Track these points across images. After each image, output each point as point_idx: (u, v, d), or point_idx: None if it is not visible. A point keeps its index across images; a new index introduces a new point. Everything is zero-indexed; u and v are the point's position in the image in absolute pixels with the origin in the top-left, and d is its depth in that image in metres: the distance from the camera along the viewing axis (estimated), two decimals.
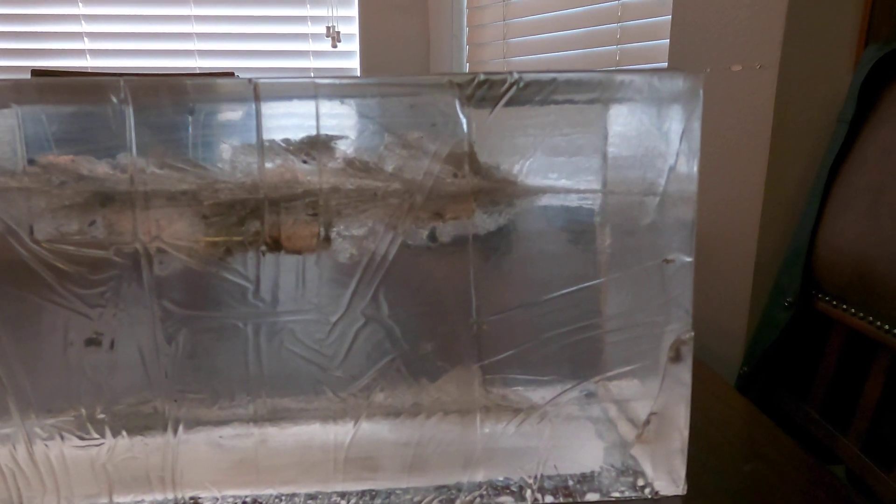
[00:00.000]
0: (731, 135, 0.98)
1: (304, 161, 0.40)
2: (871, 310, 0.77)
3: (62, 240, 0.39)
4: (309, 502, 0.42)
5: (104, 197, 0.39)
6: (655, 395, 0.42)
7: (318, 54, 1.54)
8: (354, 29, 1.54)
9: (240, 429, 0.42)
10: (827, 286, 0.85)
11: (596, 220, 0.42)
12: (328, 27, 1.47)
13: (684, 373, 0.42)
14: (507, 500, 0.43)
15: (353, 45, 1.55)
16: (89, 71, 1.47)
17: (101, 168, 0.39)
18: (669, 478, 0.43)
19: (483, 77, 0.38)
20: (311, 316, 0.41)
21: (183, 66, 1.51)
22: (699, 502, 0.43)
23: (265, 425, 0.42)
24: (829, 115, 0.92)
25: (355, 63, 1.56)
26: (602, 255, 0.42)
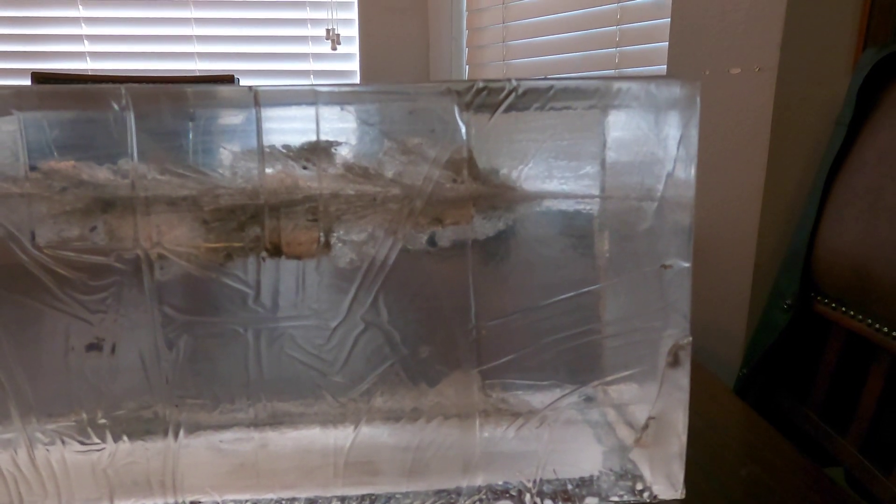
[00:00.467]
0: (729, 137, 0.98)
1: (304, 167, 0.40)
2: (869, 312, 0.77)
3: (63, 245, 0.39)
4: None
5: (105, 203, 0.40)
6: (654, 400, 0.42)
7: (318, 57, 1.55)
8: (354, 31, 1.54)
9: (240, 433, 0.42)
10: (826, 288, 0.85)
11: (594, 226, 0.42)
12: (328, 30, 1.48)
13: (682, 377, 0.42)
14: None
15: (353, 48, 1.55)
16: (89, 74, 1.47)
17: (103, 174, 0.39)
18: (668, 482, 0.44)
19: (482, 84, 0.39)
20: (312, 321, 0.41)
21: (183, 69, 1.51)
22: None
23: (265, 430, 0.42)
24: (827, 118, 0.93)
25: (355, 65, 1.56)
26: (600, 260, 0.42)
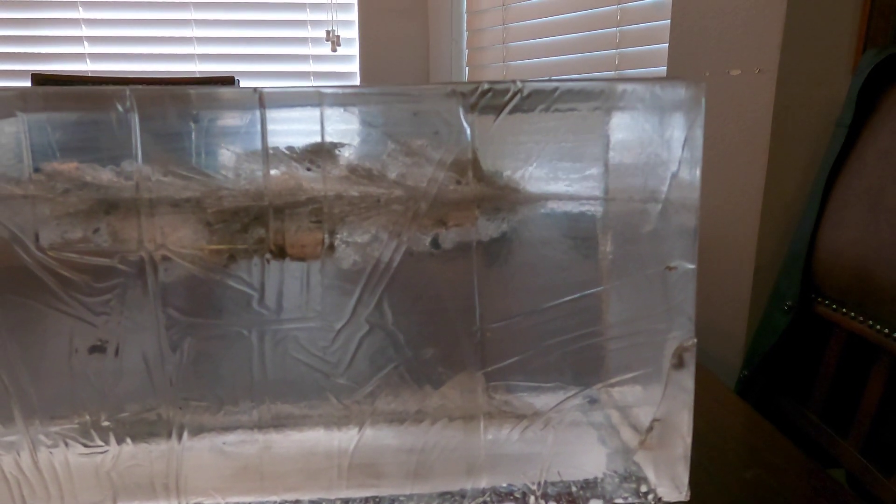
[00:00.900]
0: (730, 139, 0.99)
1: (308, 168, 0.40)
2: (870, 313, 0.77)
3: (67, 247, 0.39)
4: None
5: (109, 204, 0.39)
6: (658, 402, 0.42)
7: (318, 58, 1.55)
8: (354, 33, 1.54)
9: (244, 435, 0.42)
10: (826, 290, 0.85)
11: (598, 228, 0.42)
12: (328, 31, 1.48)
13: (687, 379, 0.42)
14: None
15: (353, 49, 1.55)
16: (89, 75, 1.47)
17: (106, 175, 0.39)
18: (672, 484, 0.44)
19: (487, 86, 0.39)
20: (316, 323, 0.41)
21: (183, 71, 1.51)
22: None
23: (269, 432, 0.42)
24: (827, 119, 0.93)
25: (355, 67, 1.56)
26: (605, 262, 0.42)
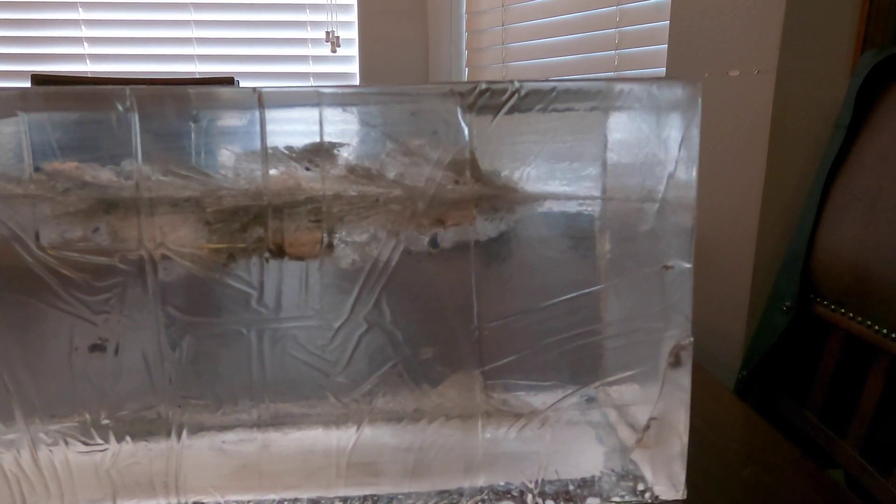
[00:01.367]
0: (729, 139, 0.99)
1: (307, 168, 0.40)
2: (869, 314, 0.77)
3: (67, 246, 0.39)
4: None
5: (109, 204, 0.40)
6: (655, 401, 0.43)
7: (318, 59, 1.55)
8: (354, 34, 1.54)
9: (243, 434, 0.42)
10: (825, 290, 0.85)
11: (596, 227, 0.42)
12: (327, 32, 1.48)
13: (684, 378, 0.42)
14: None
15: (353, 50, 1.55)
16: (89, 76, 1.47)
17: (106, 175, 0.39)
18: (669, 482, 0.44)
19: (484, 86, 0.39)
20: (314, 322, 0.41)
21: (183, 71, 1.51)
22: None
23: (268, 430, 0.42)
24: (826, 120, 0.93)
25: (354, 68, 1.56)
26: (602, 261, 0.42)
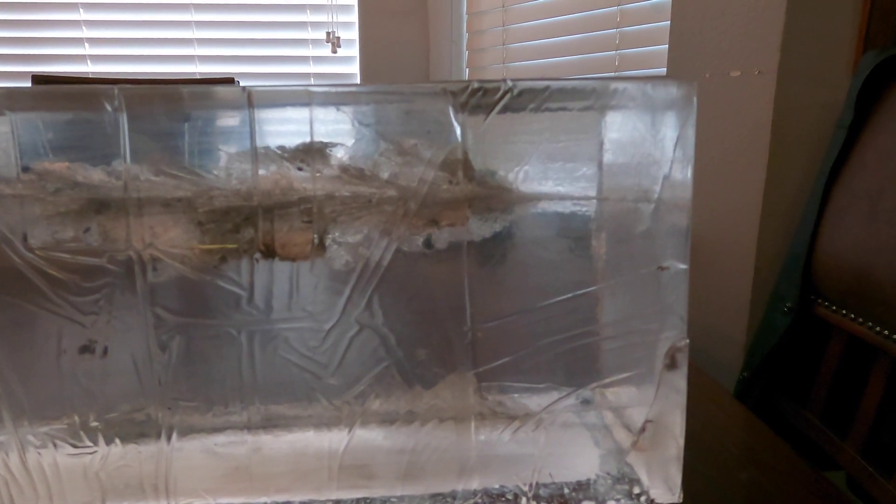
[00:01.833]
0: (729, 140, 0.98)
1: (299, 168, 0.40)
2: (870, 315, 0.77)
3: (56, 247, 0.39)
4: None
5: (99, 204, 0.39)
6: (651, 403, 0.42)
7: (318, 59, 1.55)
8: (354, 34, 1.54)
9: (234, 436, 0.42)
10: (826, 291, 0.85)
11: (591, 227, 0.41)
12: (328, 33, 1.48)
13: (679, 380, 0.42)
14: None
15: (353, 51, 1.55)
16: (90, 77, 1.48)
17: (96, 175, 0.39)
18: (665, 485, 0.43)
19: (477, 85, 0.39)
20: (306, 323, 0.41)
21: (183, 72, 1.51)
22: None
23: (259, 433, 0.42)
24: (827, 121, 0.92)
25: (355, 68, 1.56)
26: (597, 262, 0.42)
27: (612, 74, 1.21)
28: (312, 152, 0.40)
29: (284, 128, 0.40)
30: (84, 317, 0.39)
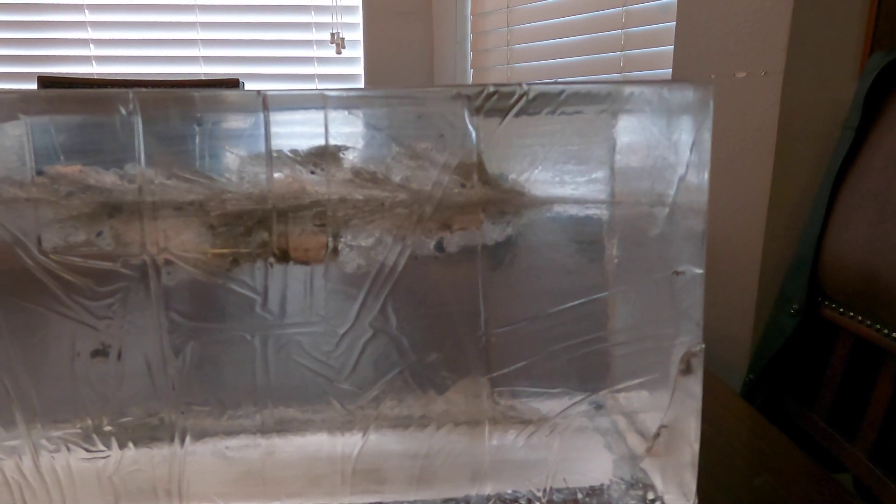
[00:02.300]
0: (735, 142, 0.98)
1: (312, 171, 0.40)
2: (877, 317, 0.76)
3: (70, 251, 0.39)
4: None
5: (112, 207, 0.39)
6: (665, 408, 0.42)
7: (323, 60, 1.55)
8: (359, 35, 1.54)
9: (247, 440, 0.42)
10: (833, 293, 0.85)
11: (605, 231, 0.41)
12: (332, 33, 1.48)
13: (695, 385, 0.41)
14: None
15: (358, 52, 1.55)
16: (95, 78, 1.47)
17: (109, 178, 0.39)
18: (680, 491, 0.43)
19: (492, 88, 0.38)
20: (319, 328, 0.41)
21: (188, 73, 1.51)
22: None
23: (272, 437, 0.42)
24: (834, 122, 0.92)
25: (359, 69, 1.56)
26: (611, 266, 0.42)
27: (618, 75, 1.21)
28: (325, 156, 0.40)
29: (297, 130, 0.40)
30: (98, 321, 0.39)
